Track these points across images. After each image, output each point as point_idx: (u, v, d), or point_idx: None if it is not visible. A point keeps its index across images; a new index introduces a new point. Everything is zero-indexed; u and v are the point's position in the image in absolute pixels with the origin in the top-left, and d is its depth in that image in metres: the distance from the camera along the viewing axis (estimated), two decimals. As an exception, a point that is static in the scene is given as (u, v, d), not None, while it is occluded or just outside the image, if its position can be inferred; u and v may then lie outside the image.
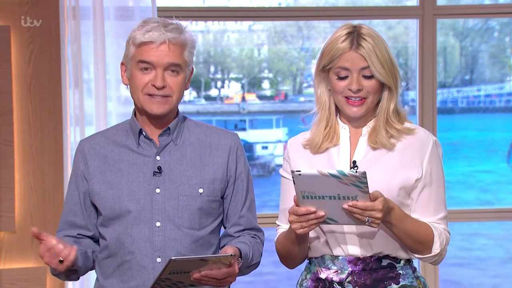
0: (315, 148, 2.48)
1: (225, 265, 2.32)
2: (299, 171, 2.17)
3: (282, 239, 2.50)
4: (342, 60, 2.41)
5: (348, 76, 2.41)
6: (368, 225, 2.25)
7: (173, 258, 2.22)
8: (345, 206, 2.20)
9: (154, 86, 2.43)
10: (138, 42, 2.42)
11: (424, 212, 2.43)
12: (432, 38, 4.30)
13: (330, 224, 2.26)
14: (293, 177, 2.18)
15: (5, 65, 3.88)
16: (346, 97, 2.43)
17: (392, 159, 2.42)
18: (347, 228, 2.41)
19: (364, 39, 2.40)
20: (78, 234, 2.54)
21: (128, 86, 2.52)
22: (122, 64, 2.51)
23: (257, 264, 2.58)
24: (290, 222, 2.29)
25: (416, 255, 2.45)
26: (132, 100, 2.53)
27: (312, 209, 2.22)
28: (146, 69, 2.43)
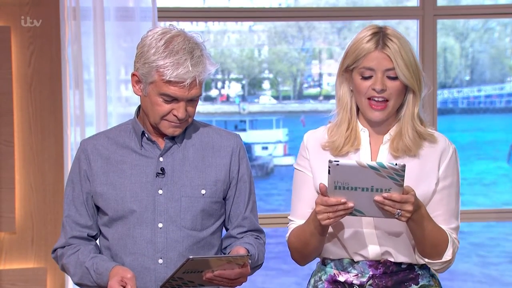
0: (336, 150, 2.46)
1: (239, 265, 2.32)
2: (337, 161, 2.18)
3: (298, 232, 2.47)
4: (367, 60, 2.39)
5: (372, 76, 2.39)
6: (397, 218, 2.24)
7: (191, 256, 2.22)
8: (378, 198, 2.19)
9: (176, 116, 2.42)
10: (165, 79, 2.37)
11: (434, 218, 2.40)
12: (432, 38, 4.30)
13: (356, 215, 2.26)
14: (329, 167, 2.18)
15: (6, 66, 3.88)
16: (369, 99, 2.41)
17: (414, 169, 2.41)
18: (368, 237, 2.41)
19: (390, 39, 2.39)
20: (88, 235, 2.54)
21: (140, 97, 2.49)
22: (134, 75, 2.46)
23: (261, 265, 2.58)
24: (317, 212, 2.27)
25: (426, 259, 2.43)
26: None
27: (343, 199, 2.22)
28: (169, 100, 2.42)
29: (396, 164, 2.15)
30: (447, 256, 2.41)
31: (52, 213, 3.94)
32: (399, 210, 2.22)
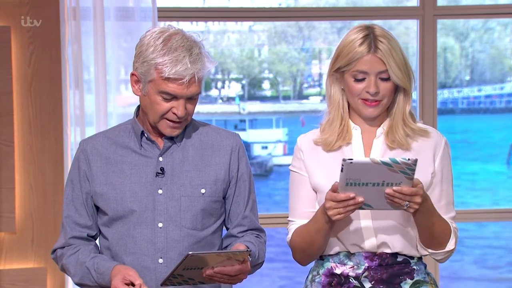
0: (329, 146, 2.50)
1: (239, 262, 2.32)
2: (351, 159, 2.22)
3: (301, 231, 2.50)
4: (360, 63, 2.43)
5: (365, 79, 2.44)
6: (405, 209, 2.29)
7: (190, 252, 2.22)
8: (389, 191, 2.24)
9: (175, 114, 2.42)
10: (164, 76, 2.37)
11: (437, 209, 2.44)
12: (432, 38, 4.30)
13: (365, 209, 2.31)
14: (342, 165, 2.22)
15: (6, 66, 3.88)
16: (363, 99, 2.45)
17: None
18: (365, 228, 2.45)
19: (381, 41, 2.42)
20: (88, 235, 2.55)
21: (139, 97, 2.49)
22: (133, 74, 2.46)
23: (262, 263, 2.59)
24: (327, 208, 2.31)
25: (430, 250, 2.48)
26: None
27: (352, 195, 2.26)
28: (168, 98, 2.42)
29: (409, 159, 2.21)
30: (450, 245, 2.47)
31: (52, 213, 3.94)
32: (407, 202, 2.27)
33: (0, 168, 3.90)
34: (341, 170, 2.23)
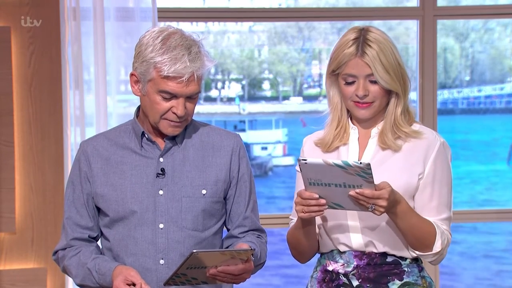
0: (326, 146, 2.53)
1: (242, 261, 2.33)
2: (305, 159, 2.25)
3: (292, 229, 2.55)
4: (348, 67, 2.45)
5: (355, 82, 2.45)
6: (371, 212, 2.30)
7: (194, 250, 2.23)
8: (352, 193, 2.26)
9: (175, 114, 2.42)
10: (163, 75, 2.37)
11: (426, 212, 2.46)
12: (432, 39, 4.30)
13: (336, 209, 2.33)
14: (299, 165, 2.26)
15: (6, 66, 3.88)
16: (354, 101, 2.47)
17: (398, 161, 2.47)
18: (352, 227, 2.47)
19: (369, 45, 2.43)
20: (89, 236, 2.55)
21: (139, 97, 2.49)
22: (132, 74, 2.46)
23: (263, 263, 2.59)
24: (295, 203, 2.36)
25: (417, 252, 2.48)
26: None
27: (315, 195, 2.29)
28: (167, 98, 2.42)
29: (361, 162, 2.22)
30: (436, 248, 2.45)
31: (52, 213, 3.94)
32: (372, 205, 2.28)
33: (0, 168, 3.90)
34: (300, 170, 2.27)
